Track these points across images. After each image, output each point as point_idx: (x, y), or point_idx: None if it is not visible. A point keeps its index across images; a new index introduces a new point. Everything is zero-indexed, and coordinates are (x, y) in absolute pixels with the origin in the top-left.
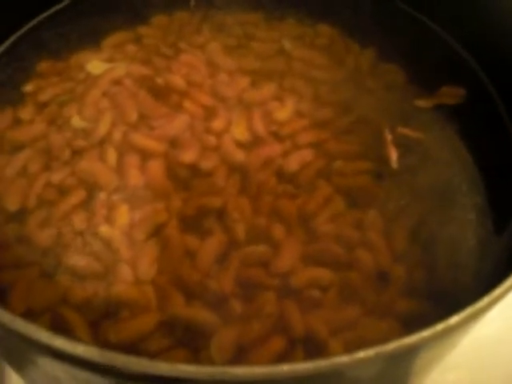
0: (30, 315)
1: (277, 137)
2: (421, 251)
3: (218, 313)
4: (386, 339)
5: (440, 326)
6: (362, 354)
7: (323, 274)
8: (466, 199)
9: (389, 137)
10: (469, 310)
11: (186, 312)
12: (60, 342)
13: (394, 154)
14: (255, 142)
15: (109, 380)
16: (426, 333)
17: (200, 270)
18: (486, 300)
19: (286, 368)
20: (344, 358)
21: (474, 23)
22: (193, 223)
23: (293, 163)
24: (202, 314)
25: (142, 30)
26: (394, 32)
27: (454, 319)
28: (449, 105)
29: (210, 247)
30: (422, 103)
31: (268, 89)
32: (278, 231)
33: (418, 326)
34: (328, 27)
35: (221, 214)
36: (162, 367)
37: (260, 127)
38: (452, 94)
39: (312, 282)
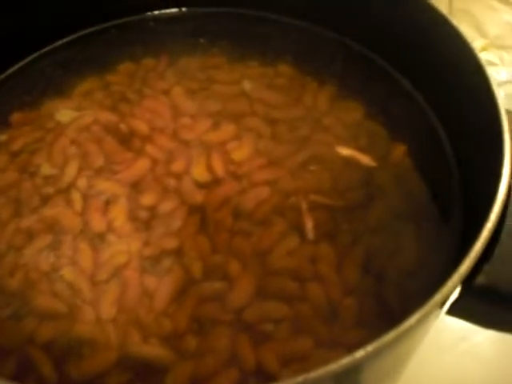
0: None
1: (235, 176)
2: (372, 282)
3: (173, 349)
4: None
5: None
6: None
7: (276, 308)
8: (417, 231)
9: (304, 206)
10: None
11: (142, 349)
12: None
13: (309, 224)
14: (214, 182)
15: None
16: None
17: (156, 309)
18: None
19: None
20: None
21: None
22: (152, 263)
23: (248, 201)
24: (156, 351)
25: (110, 77)
26: (356, 73)
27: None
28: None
29: (167, 286)
30: (343, 151)
31: (227, 130)
32: (234, 267)
33: None
34: (287, 67)
35: (179, 254)
36: None
37: (218, 167)
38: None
39: (265, 315)
